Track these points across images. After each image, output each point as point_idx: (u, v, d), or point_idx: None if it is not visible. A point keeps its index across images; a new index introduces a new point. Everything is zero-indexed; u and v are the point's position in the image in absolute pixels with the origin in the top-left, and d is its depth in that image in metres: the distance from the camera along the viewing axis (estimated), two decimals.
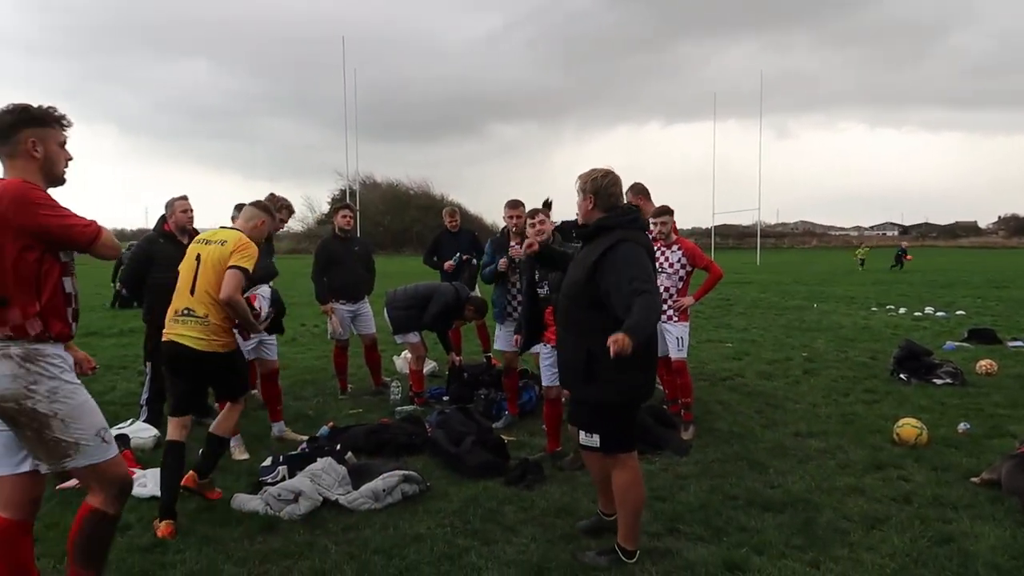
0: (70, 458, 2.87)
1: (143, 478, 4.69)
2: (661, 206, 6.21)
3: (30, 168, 2.85)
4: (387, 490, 4.46)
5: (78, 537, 2.98)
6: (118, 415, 6.54)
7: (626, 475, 3.67)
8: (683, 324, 6.07)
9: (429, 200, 60.14)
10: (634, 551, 3.70)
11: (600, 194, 3.62)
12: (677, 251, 6.10)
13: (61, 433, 2.82)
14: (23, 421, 2.78)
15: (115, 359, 9.74)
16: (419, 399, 6.97)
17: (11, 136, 2.82)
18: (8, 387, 2.74)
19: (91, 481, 2.99)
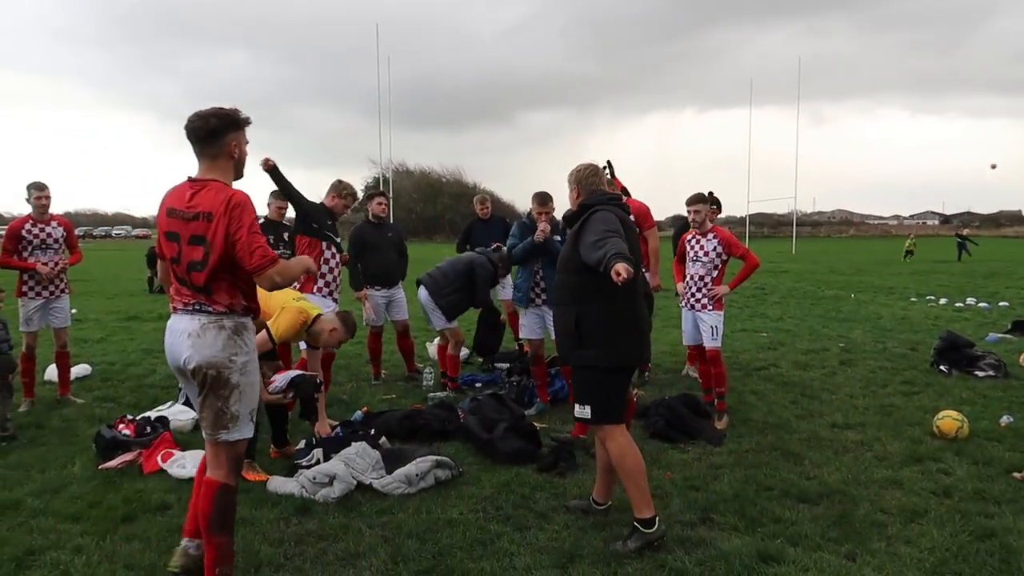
0: (227, 430, 3.15)
1: (182, 459, 4.78)
2: (695, 194, 6.15)
3: (228, 167, 3.17)
4: (420, 475, 4.49)
5: (212, 511, 3.16)
6: (157, 398, 6.70)
7: (616, 444, 3.79)
8: (717, 313, 6.01)
9: (461, 188, 60.21)
10: (652, 517, 3.73)
11: (583, 184, 4.00)
12: (712, 239, 6.04)
13: (235, 405, 3.13)
14: (215, 387, 3.09)
15: (155, 343, 9.92)
16: (451, 384, 7.00)
17: (219, 139, 3.10)
18: (217, 355, 3.08)
19: (224, 454, 3.20)
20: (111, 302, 15.32)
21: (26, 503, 4.30)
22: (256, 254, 3.00)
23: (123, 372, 8.06)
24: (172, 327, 3.22)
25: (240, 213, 3.01)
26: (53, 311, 6.53)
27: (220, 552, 3.16)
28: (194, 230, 3.06)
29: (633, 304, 3.81)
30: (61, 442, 5.47)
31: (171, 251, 3.16)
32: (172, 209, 3.14)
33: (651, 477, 4.66)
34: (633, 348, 3.84)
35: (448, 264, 6.93)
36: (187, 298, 3.15)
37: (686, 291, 6.22)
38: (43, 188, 6.44)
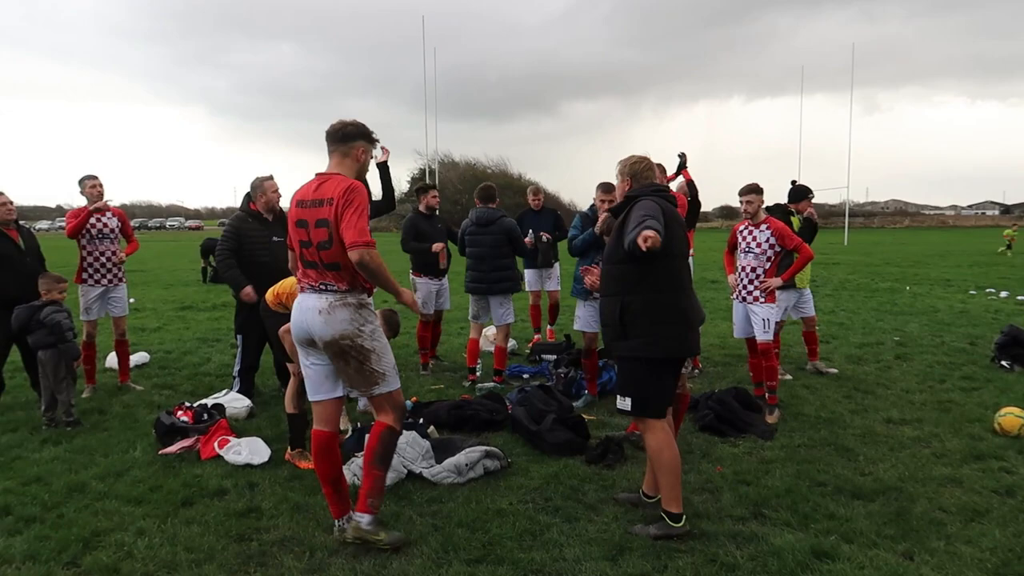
0: (378, 385, 3.62)
1: (238, 446, 4.90)
2: (748, 184, 6.06)
3: (351, 168, 3.64)
4: (469, 464, 4.53)
5: (377, 446, 3.65)
6: (213, 386, 6.87)
7: (655, 438, 3.80)
8: (769, 305, 5.92)
9: (506, 179, 60.11)
10: (679, 514, 3.75)
11: (636, 176, 4.00)
12: (765, 230, 5.95)
13: (376, 365, 3.60)
14: (352, 355, 3.55)
15: (209, 332, 10.20)
16: (498, 377, 7.03)
17: (352, 142, 3.65)
18: (347, 328, 3.52)
19: (385, 405, 3.69)
20: (167, 292, 15.74)
21: (91, 486, 4.45)
22: (355, 230, 3.39)
23: (180, 360, 8.29)
24: (301, 305, 3.63)
25: (353, 196, 3.45)
26: (112, 300, 6.73)
27: (375, 484, 3.64)
28: (319, 214, 3.50)
29: (679, 295, 3.79)
30: (122, 427, 5.65)
31: (301, 236, 3.59)
32: (301, 200, 3.61)
33: (701, 470, 4.66)
34: (678, 340, 3.78)
35: (485, 251, 6.89)
36: (314, 280, 3.59)
37: (737, 283, 6.13)
38: (95, 178, 6.65)
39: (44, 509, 4.13)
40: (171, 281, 18.03)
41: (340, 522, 3.72)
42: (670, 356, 3.81)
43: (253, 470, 4.70)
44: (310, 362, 3.68)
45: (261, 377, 6.61)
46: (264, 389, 6.59)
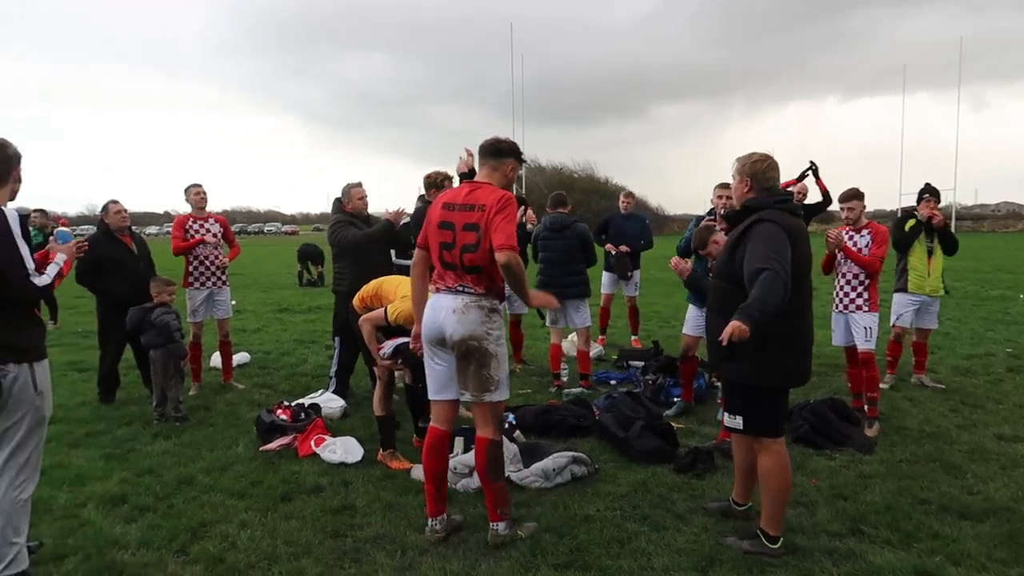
0: (490, 392, 3.71)
1: (333, 445, 5.07)
2: (849, 189, 5.87)
3: (500, 182, 3.81)
4: (557, 470, 4.55)
5: (486, 462, 3.77)
6: (309, 386, 7.13)
7: (770, 460, 3.61)
8: (872, 314, 5.69)
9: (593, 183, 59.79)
10: (777, 536, 3.63)
11: (757, 177, 3.63)
12: (866, 235, 5.74)
13: (494, 371, 3.70)
14: (476, 357, 3.66)
15: (305, 334, 10.58)
16: (585, 382, 7.02)
17: (504, 158, 3.83)
18: (478, 329, 3.65)
19: (488, 414, 3.76)
20: (265, 295, 16.41)
21: (198, 479, 4.70)
22: (504, 235, 3.54)
23: (278, 361, 8.63)
24: (436, 304, 3.77)
25: (506, 206, 3.60)
26: (216, 303, 7.08)
27: (498, 495, 3.77)
28: (469, 218, 3.64)
29: (795, 322, 3.50)
30: (226, 424, 5.94)
31: (444, 238, 3.72)
32: (449, 203, 3.76)
33: (795, 483, 4.50)
34: (789, 368, 3.54)
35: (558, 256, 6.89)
36: (452, 281, 3.73)
37: (838, 292, 5.92)
38: (199, 185, 7.03)
39: (156, 499, 4.39)
40: (269, 284, 18.79)
41: (433, 521, 3.82)
42: (782, 385, 3.64)
43: (347, 468, 4.85)
44: (436, 362, 3.82)
45: (354, 379, 6.81)
46: (357, 390, 6.79)
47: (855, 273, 5.78)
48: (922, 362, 7.13)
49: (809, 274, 3.62)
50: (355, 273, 6.15)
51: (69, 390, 7.05)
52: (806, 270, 3.57)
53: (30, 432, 3.33)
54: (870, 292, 5.77)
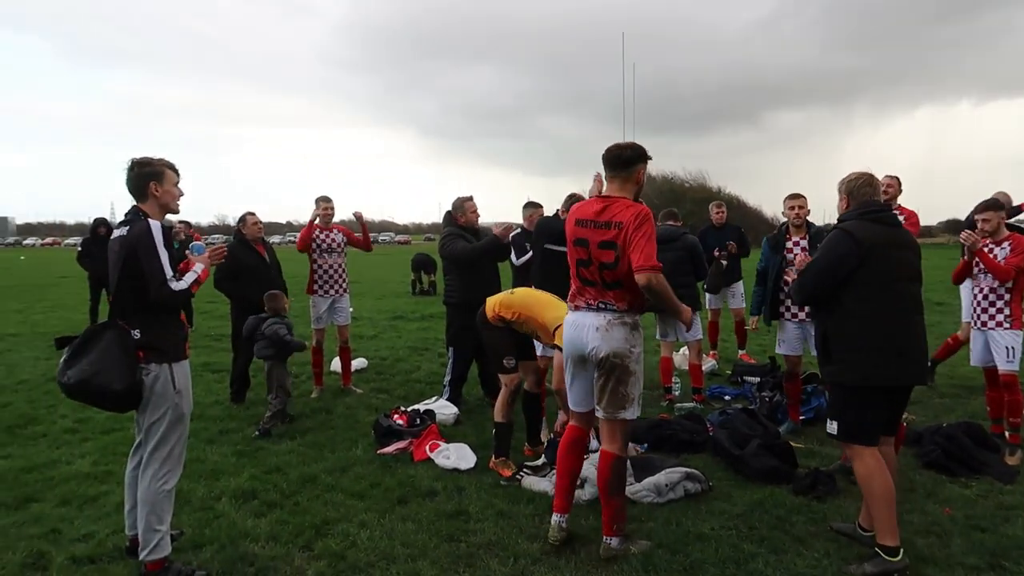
0: (624, 410, 3.70)
1: (447, 451, 5.20)
2: (986, 200, 5.53)
3: (634, 190, 3.76)
4: (669, 485, 4.48)
5: (611, 477, 3.75)
6: (423, 393, 7.32)
7: (863, 464, 3.64)
8: (1014, 332, 5.31)
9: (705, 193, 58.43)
10: (896, 547, 3.55)
11: (854, 194, 3.84)
12: (1006, 247, 5.38)
13: (631, 388, 3.68)
14: (616, 373, 3.64)
15: (418, 341, 10.87)
16: (698, 396, 6.88)
17: (634, 166, 3.74)
18: (622, 346, 3.64)
19: (617, 431, 3.75)
20: (380, 302, 16.97)
21: (321, 478, 4.93)
22: (643, 255, 3.50)
23: (393, 367, 8.92)
24: (577, 322, 3.76)
25: (643, 223, 3.55)
26: (337, 310, 7.40)
27: (616, 512, 3.76)
28: (604, 236, 3.61)
29: (885, 320, 3.61)
30: (346, 426, 6.19)
31: (580, 255, 3.72)
32: (581, 220, 3.73)
33: (926, 511, 4.29)
34: (882, 366, 3.59)
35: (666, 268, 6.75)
36: (592, 298, 3.71)
37: (975, 308, 5.57)
38: (329, 200, 7.38)
39: (282, 496, 4.63)
40: (383, 292, 19.41)
41: (560, 518, 3.87)
42: (867, 383, 3.63)
43: (460, 475, 4.96)
44: (577, 378, 3.83)
45: (466, 387, 6.94)
46: (468, 398, 6.92)
47: (992, 287, 5.40)
48: None
49: (901, 280, 3.68)
50: (465, 285, 6.29)
51: (204, 390, 7.54)
52: (893, 277, 3.65)
53: (171, 427, 3.59)
54: (1012, 307, 5.35)
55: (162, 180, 3.64)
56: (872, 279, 3.61)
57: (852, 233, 3.66)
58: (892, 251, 3.67)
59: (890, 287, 3.64)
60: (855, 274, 3.62)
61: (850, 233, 3.66)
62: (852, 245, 3.63)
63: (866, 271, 3.61)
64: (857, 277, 3.62)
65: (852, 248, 3.62)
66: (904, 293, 3.68)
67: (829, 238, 3.77)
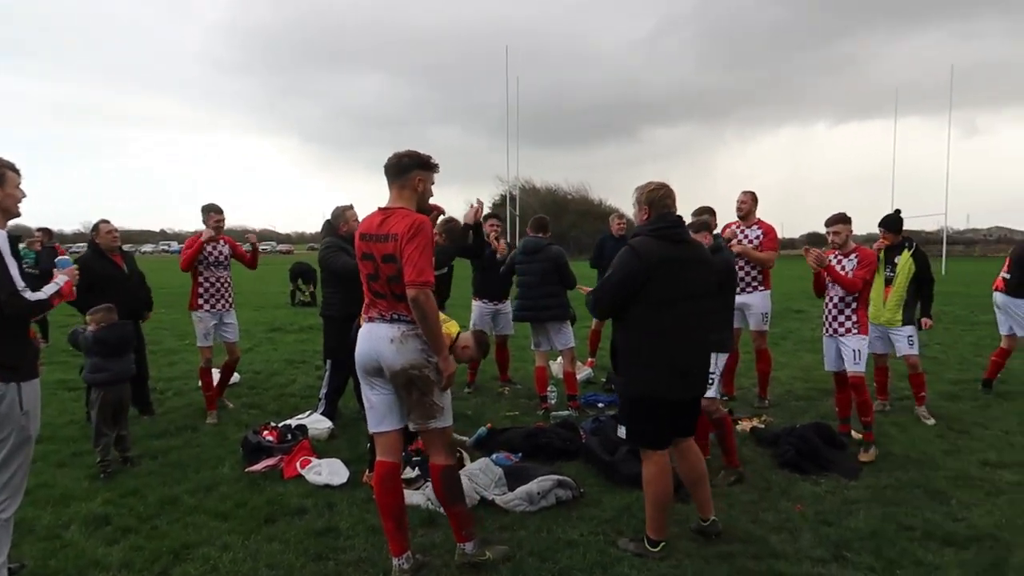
0: (435, 419, 3.65)
1: (318, 467, 5.07)
2: (835, 214, 5.91)
3: (413, 199, 3.66)
4: (541, 493, 4.54)
5: (444, 488, 3.74)
6: (297, 407, 7.11)
7: (648, 469, 3.87)
8: (860, 337, 5.72)
9: (587, 205, 60.40)
10: (658, 540, 3.89)
11: (654, 205, 3.86)
12: (853, 259, 5.78)
13: (437, 398, 3.64)
14: (418, 385, 3.58)
15: (295, 354, 10.56)
16: (573, 403, 7.02)
17: (408, 173, 3.64)
18: (417, 357, 3.57)
19: (438, 439, 3.72)
20: (257, 314, 16.36)
21: (183, 500, 4.69)
22: (415, 268, 3.43)
23: (267, 381, 8.62)
24: (371, 334, 3.65)
25: (416, 234, 3.46)
26: (226, 326, 6.99)
27: (462, 518, 3.76)
28: (386, 249, 3.53)
29: (667, 337, 3.73)
30: (213, 444, 5.92)
31: (368, 270, 3.65)
32: (366, 234, 3.64)
33: (780, 509, 4.54)
34: (662, 382, 3.76)
35: (534, 279, 6.91)
36: (385, 310, 3.62)
37: (827, 316, 5.96)
38: (220, 212, 6.88)
39: (139, 520, 4.37)
40: (261, 303, 18.74)
41: (399, 560, 3.65)
42: (644, 397, 3.80)
43: (332, 490, 4.85)
44: (373, 393, 3.70)
45: (342, 400, 6.80)
46: (345, 411, 6.78)
47: (841, 296, 5.81)
48: (916, 393, 6.81)
49: (686, 298, 3.76)
50: (345, 299, 6.17)
51: (58, 409, 7.04)
52: (677, 295, 3.73)
53: (14, 451, 3.33)
54: (858, 315, 5.77)
55: (3, 183, 3.39)
56: (656, 297, 3.70)
57: (638, 251, 3.72)
58: (678, 269, 3.75)
59: (674, 305, 3.73)
60: (642, 291, 3.69)
61: (636, 251, 3.73)
62: (638, 263, 3.70)
63: (651, 289, 3.68)
64: (643, 294, 3.69)
65: (638, 266, 3.69)
66: (688, 311, 3.77)
67: (620, 254, 3.82)
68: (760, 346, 7.14)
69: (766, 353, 7.19)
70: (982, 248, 72.37)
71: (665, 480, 3.86)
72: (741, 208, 7.18)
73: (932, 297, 6.78)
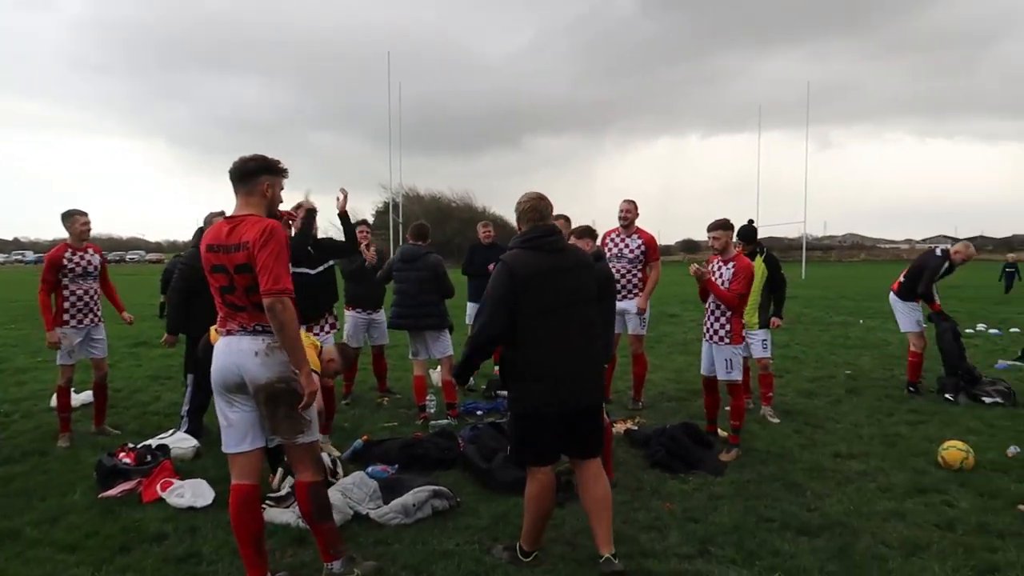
0: (303, 434, 3.51)
1: (181, 488, 4.79)
2: (717, 220, 6.04)
3: (262, 205, 3.49)
4: (417, 505, 4.48)
5: (311, 506, 3.60)
6: (161, 425, 6.72)
7: (531, 486, 3.82)
8: (733, 347, 5.90)
9: (471, 212, 60.55)
10: (528, 552, 3.88)
11: (522, 219, 3.88)
12: (731, 267, 5.92)
13: (305, 412, 3.46)
14: (284, 399, 3.40)
15: (161, 369, 10.00)
16: (452, 411, 6.99)
17: (255, 178, 3.47)
18: (283, 372, 3.40)
19: (305, 455, 3.59)
20: (122, 327, 15.31)
21: (25, 533, 4.31)
22: (271, 276, 3.28)
23: (129, 399, 8.11)
24: (231, 348, 3.45)
25: (269, 240, 3.31)
26: (94, 342, 6.47)
27: (329, 536, 3.64)
28: (238, 259, 3.35)
29: (549, 348, 3.68)
30: (63, 470, 5.48)
31: (221, 282, 3.44)
32: (213, 245, 3.44)
33: (650, 508, 4.67)
34: (547, 395, 3.68)
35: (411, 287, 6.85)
36: (247, 322, 3.43)
37: (706, 321, 6.14)
38: (84, 214, 6.30)
39: None
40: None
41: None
42: (530, 412, 3.74)
43: (196, 513, 4.59)
44: (234, 411, 3.49)
45: (209, 416, 6.46)
46: (212, 428, 6.43)
47: (718, 303, 5.95)
48: (763, 394, 7.17)
49: (567, 305, 3.72)
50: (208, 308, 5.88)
51: None
52: (556, 303, 3.68)
53: None
54: (733, 324, 5.91)
55: None
56: (533, 308, 3.64)
57: (509, 264, 3.70)
58: (553, 277, 3.70)
59: (552, 314, 3.67)
60: (519, 305, 3.64)
61: (507, 264, 3.71)
62: (509, 277, 3.66)
63: (526, 301, 3.64)
64: (520, 308, 3.64)
65: (510, 280, 3.65)
66: (568, 318, 3.72)
67: (495, 270, 3.79)
68: (637, 350, 7.35)
69: (642, 357, 7.41)
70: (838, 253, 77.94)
71: (547, 498, 3.80)
72: (626, 217, 7.30)
73: (784, 299, 7.20)
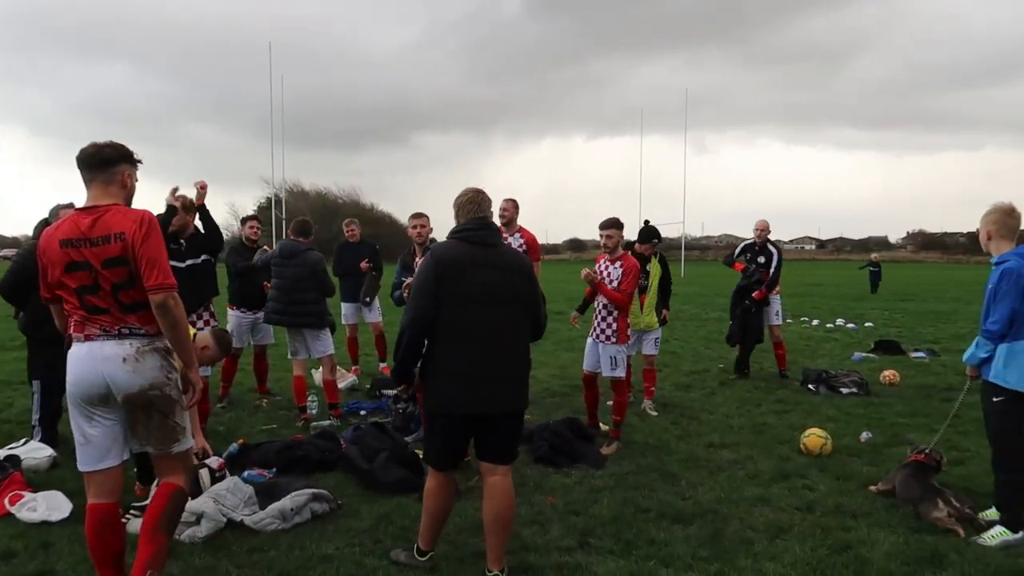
0: (178, 443, 3.32)
1: (33, 502, 4.44)
2: (609, 218, 6.10)
3: (120, 195, 3.25)
4: (295, 509, 4.33)
5: (167, 509, 3.29)
6: (13, 434, 6.20)
7: (429, 482, 3.76)
8: (617, 346, 6.00)
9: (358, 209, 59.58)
10: (424, 551, 3.81)
11: (459, 213, 3.80)
12: (619, 268, 6.01)
13: (179, 419, 3.31)
14: (158, 406, 3.21)
15: (15, 373, 9.21)
16: (335, 412, 6.82)
17: (115, 166, 3.23)
18: (157, 376, 3.19)
19: (177, 464, 3.37)
20: None
21: None
22: (159, 270, 3.10)
23: None
24: (93, 355, 3.14)
25: (150, 232, 3.12)
26: None
27: (157, 554, 3.20)
28: (107, 252, 3.09)
29: (459, 345, 3.52)
30: None
31: (82, 281, 3.13)
32: (70, 240, 3.12)
33: (533, 502, 4.71)
34: (456, 394, 3.52)
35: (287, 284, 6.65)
36: (110, 325, 3.15)
37: (594, 320, 6.19)
38: None
39: None
40: None
41: None
42: (435, 411, 3.65)
43: (50, 528, 4.26)
44: (94, 426, 3.21)
45: (64, 424, 6.02)
46: (70, 436, 6.00)
47: (605, 303, 6.04)
48: (647, 388, 7.40)
49: (483, 303, 3.55)
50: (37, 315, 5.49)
51: None
52: (469, 299, 3.53)
53: None
54: (619, 323, 6.00)
55: None
56: (452, 299, 3.51)
57: (433, 252, 3.66)
58: (476, 271, 3.56)
59: (465, 309, 3.52)
60: (440, 295, 3.51)
61: (432, 252, 3.66)
62: (432, 264, 3.56)
63: (446, 290, 3.50)
64: (441, 296, 3.51)
65: (432, 267, 3.55)
66: (483, 317, 3.54)
67: (422, 261, 3.75)
68: None
69: None
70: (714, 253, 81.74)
71: (444, 496, 3.70)
72: (504, 215, 7.33)
73: (670, 293, 7.48)
